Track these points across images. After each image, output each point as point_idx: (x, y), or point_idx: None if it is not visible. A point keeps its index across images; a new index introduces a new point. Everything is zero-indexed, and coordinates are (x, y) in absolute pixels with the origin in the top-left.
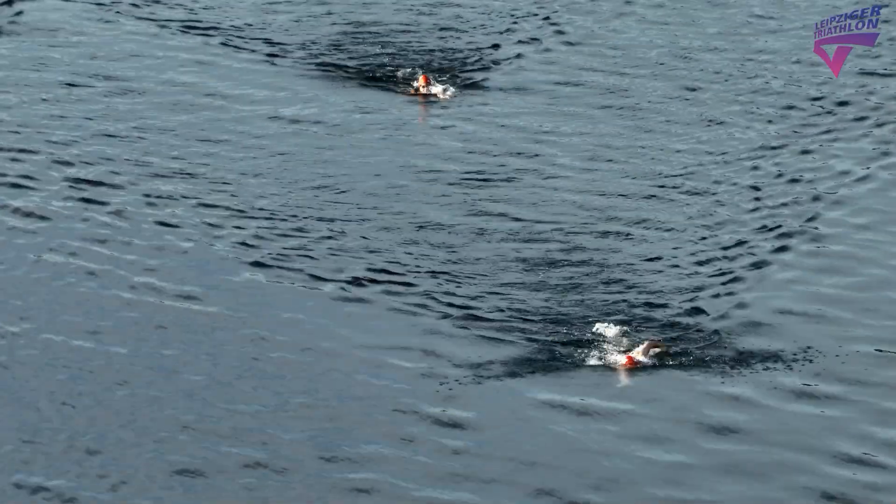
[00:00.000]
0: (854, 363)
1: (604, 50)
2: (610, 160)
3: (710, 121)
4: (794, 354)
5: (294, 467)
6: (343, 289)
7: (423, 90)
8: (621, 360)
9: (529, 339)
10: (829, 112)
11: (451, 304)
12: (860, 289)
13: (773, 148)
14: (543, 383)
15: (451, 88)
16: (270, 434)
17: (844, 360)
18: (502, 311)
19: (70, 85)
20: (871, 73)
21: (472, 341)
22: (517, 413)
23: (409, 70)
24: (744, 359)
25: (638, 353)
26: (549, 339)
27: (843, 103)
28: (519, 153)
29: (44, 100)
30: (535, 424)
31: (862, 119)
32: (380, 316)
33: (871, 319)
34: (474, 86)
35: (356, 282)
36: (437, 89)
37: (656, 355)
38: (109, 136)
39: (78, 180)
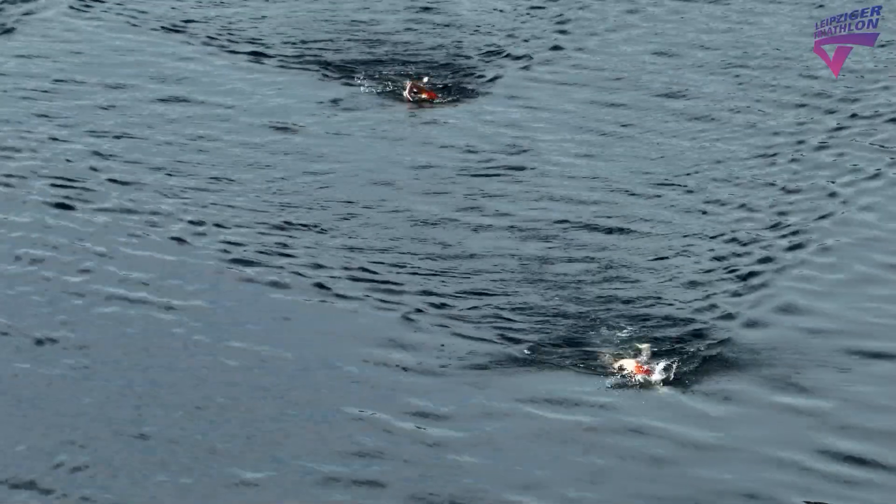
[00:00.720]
0: (846, 367)
1: (606, 52)
2: (611, 160)
3: (713, 121)
4: (791, 360)
5: (274, 469)
6: (327, 288)
7: (422, 95)
8: (630, 366)
9: (519, 341)
10: (831, 113)
11: (438, 306)
12: (866, 295)
13: (773, 154)
14: (533, 387)
15: (442, 95)
16: (253, 439)
17: (838, 364)
18: (492, 312)
19: (54, 83)
20: (872, 74)
21: (458, 342)
22: (504, 418)
23: (409, 76)
24: (737, 363)
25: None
26: (540, 340)
27: (845, 103)
28: (515, 154)
29: (25, 98)
30: (525, 433)
31: (866, 120)
32: (365, 315)
33: (874, 324)
34: (474, 88)
35: (340, 281)
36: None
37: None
38: (90, 135)
39: (58, 179)
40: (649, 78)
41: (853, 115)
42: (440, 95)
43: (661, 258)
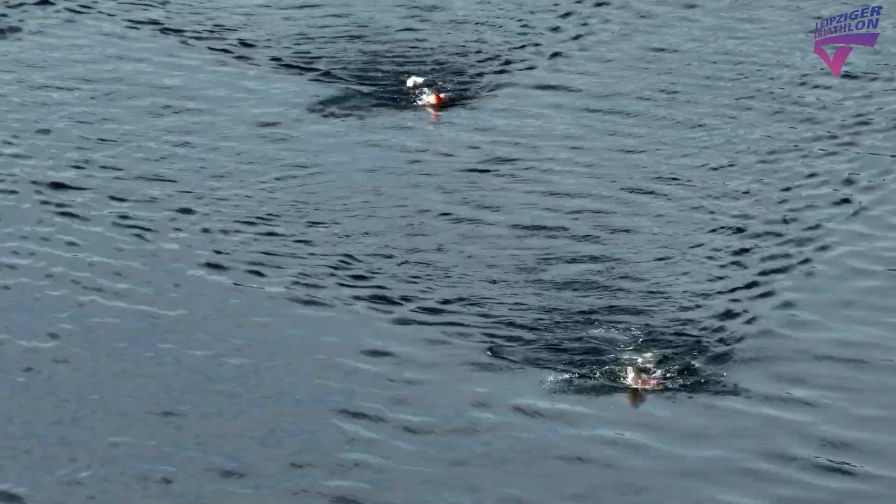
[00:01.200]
0: (842, 378)
1: (607, 56)
2: (612, 166)
3: (714, 127)
4: (785, 373)
5: (251, 471)
6: (310, 291)
7: (429, 100)
8: (627, 377)
9: (510, 350)
10: (834, 118)
11: (430, 311)
12: (867, 306)
13: (775, 161)
14: (521, 398)
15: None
16: (233, 438)
17: (833, 377)
18: (483, 320)
19: (43, 90)
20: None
21: (447, 350)
22: (491, 431)
23: (412, 79)
24: (728, 375)
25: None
26: (530, 350)
27: (849, 108)
28: (512, 158)
29: (11, 104)
30: (511, 447)
31: (870, 125)
32: (352, 324)
33: (872, 335)
34: (473, 92)
35: (329, 288)
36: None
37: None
38: (75, 136)
39: (38, 181)
40: (650, 83)
41: (858, 122)
42: (442, 98)
43: (659, 266)
